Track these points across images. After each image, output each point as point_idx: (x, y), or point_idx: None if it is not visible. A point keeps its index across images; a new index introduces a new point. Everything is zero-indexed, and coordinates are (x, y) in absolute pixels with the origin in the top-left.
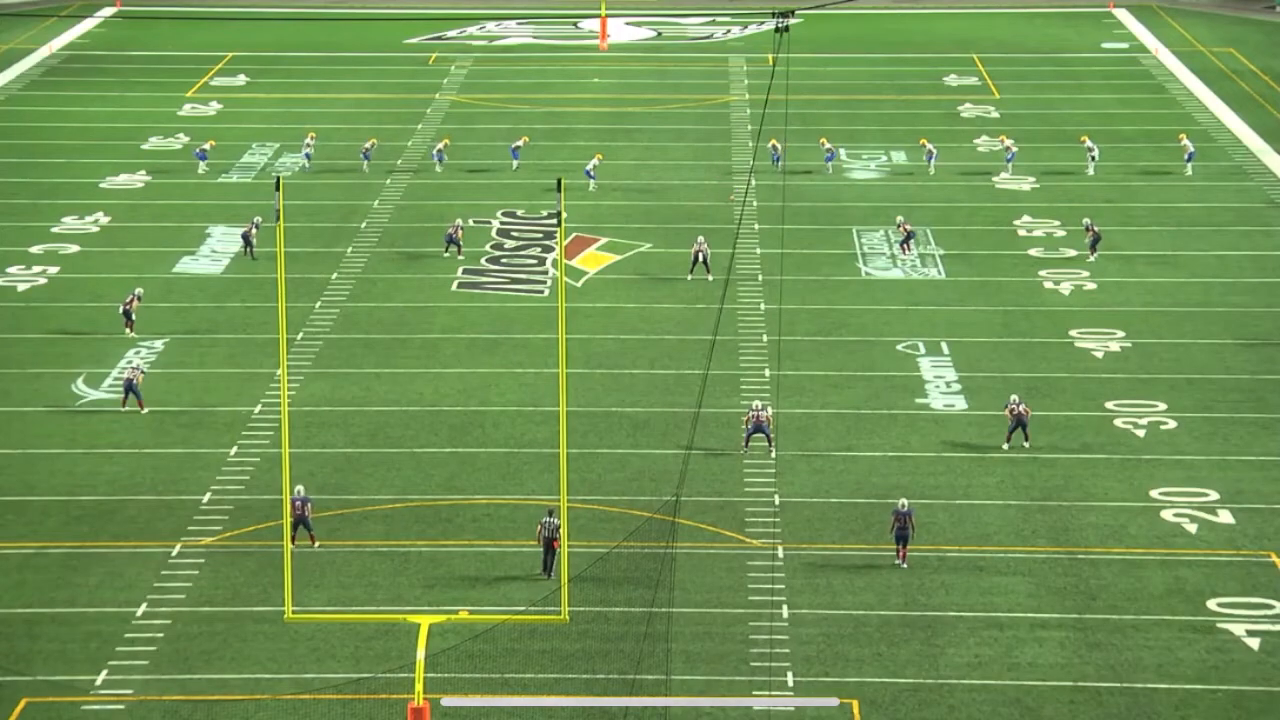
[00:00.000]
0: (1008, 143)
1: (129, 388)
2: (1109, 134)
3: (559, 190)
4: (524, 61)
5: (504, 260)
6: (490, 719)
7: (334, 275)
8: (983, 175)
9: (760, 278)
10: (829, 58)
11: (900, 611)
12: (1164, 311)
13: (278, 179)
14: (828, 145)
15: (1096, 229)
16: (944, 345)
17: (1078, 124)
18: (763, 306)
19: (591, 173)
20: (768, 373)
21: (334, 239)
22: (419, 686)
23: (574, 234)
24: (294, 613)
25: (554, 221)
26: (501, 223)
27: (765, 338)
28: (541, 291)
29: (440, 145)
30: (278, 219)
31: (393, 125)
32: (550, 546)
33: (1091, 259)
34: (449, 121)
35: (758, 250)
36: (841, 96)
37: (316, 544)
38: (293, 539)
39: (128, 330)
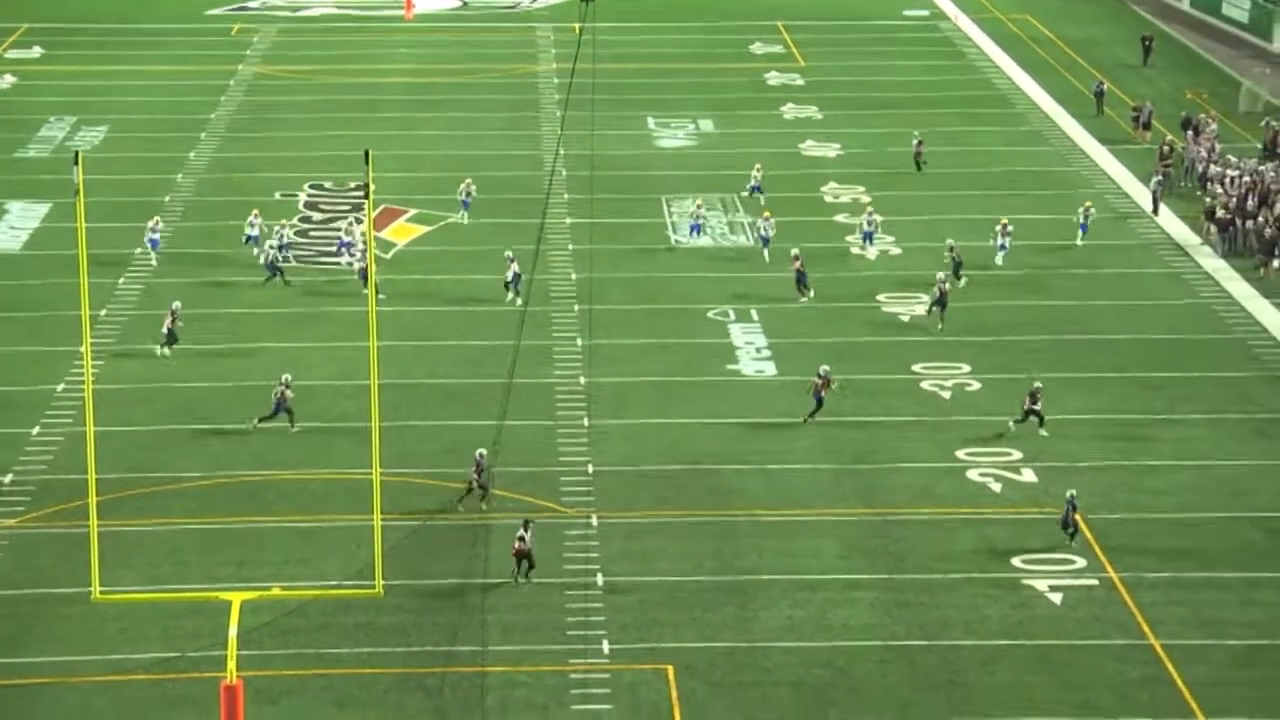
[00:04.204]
0: (869, 210)
1: (280, 407)
2: (914, 100)
3: (366, 162)
4: (329, 32)
5: (312, 233)
6: (306, 692)
7: (138, 250)
8: (789, 142)
9: (570, 247)
10: (635, 26)
11: (714, 576)
12: (967, 274)
13: (76, 154)
14: (767, 221)
15: (959, 255)
16: (754, 312)
17: (884, 90)
18: (573, 276)
19: (466, 200)
20: (579, 342)
21: (137, 213)
22: (231, 664)
23: (383, 205)
24: (101, 592)
25: (362, 193)
26: (309, 195)
27: (576, 308)
28: (351, 264)
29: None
30: (76, 194)
31: (196, 97)
32: (521, 557)
33: (961, 284)
34: (253, 93)
35: (567, 220)
36: (649, 65)
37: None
38: (466, 500)
39: (166, 350)
